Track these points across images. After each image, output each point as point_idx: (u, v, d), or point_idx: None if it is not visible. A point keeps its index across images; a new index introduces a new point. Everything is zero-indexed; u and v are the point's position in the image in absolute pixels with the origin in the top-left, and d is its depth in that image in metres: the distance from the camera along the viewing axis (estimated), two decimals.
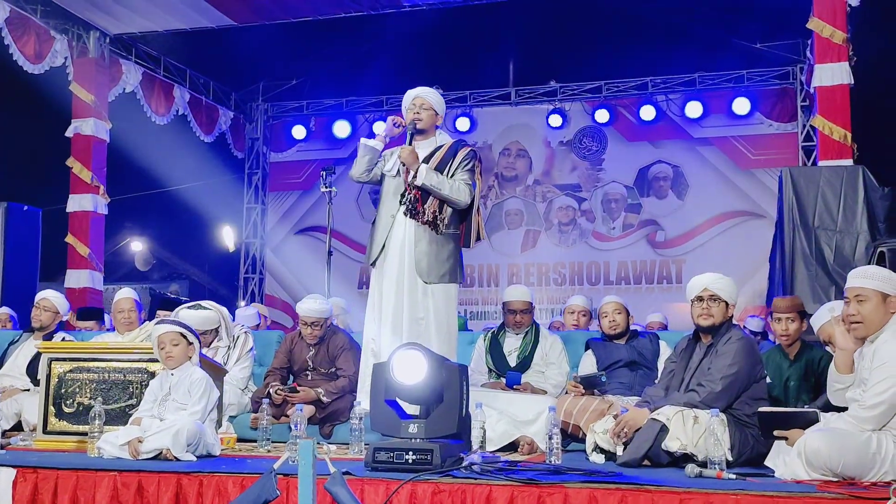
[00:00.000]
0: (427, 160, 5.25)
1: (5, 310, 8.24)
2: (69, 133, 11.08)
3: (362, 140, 5.45)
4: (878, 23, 9.75)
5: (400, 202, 5.25)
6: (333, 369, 5.90)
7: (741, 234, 12.37)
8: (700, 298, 4.70)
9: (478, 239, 5.42)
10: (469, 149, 5.38)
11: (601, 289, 12.64)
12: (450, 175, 5.24)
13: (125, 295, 6.63)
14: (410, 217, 5.21)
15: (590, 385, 5.31)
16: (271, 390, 5.71)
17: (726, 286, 4.71)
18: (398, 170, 5.31)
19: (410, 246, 5.22)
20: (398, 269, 5.23)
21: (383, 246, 5.30)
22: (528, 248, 13.31)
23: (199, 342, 5.00)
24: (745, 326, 8.35)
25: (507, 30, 13.29)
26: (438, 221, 5.20)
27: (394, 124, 5.35)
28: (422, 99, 5.37)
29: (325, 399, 5.68)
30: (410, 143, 5.26)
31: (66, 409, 5.19)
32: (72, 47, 10.92)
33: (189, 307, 6.01)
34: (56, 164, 11.17)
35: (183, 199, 15.45)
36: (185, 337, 4.84)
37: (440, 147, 5.35)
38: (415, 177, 5.17)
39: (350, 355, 5.87)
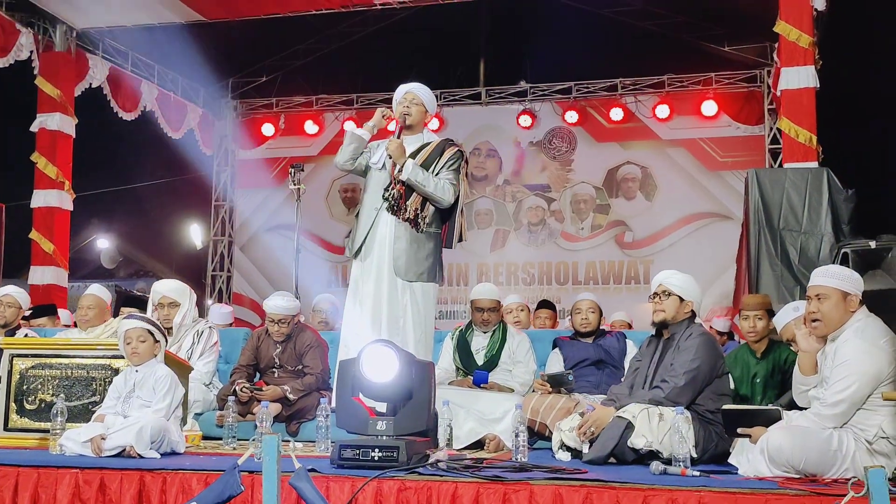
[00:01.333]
0: (413, 156, 5.21)
1: None
2: (34, 128, 10.92)
3: (349, 128, 5.41)
4: (844, 26, 9.86)
5: (383, 197, 5.21)
6: (300, 367, 5.87)
7: (709, 236, 12.47)
8: (655, 294, 4.76)
9: (460, 240, 5.37)
10: (456, 148, 5.34)
11: (570, 288, 12.71)
12: (435, 173, 5.21)
13: (88, 292, 6.62)
14: (392, 213, 5.18)
15: (557, 383, 5.34)
16: (237, 388, 5.67)
17: (679, 281, 4.76)
18: (384, 163, 5.28)
19: (390, 242, 5.18)
20: (378, 265, 5.20)
21: (365, 239, 5.26)
22: (497, 248, 13.33)
23: (166, 340, 4.96)
24: (711, 327, 8.43)
25: (478, 30, 13.33)
26: (419, 219, 5.16)
27: (382, 116, 5.32)
28: (413, 94, 5.34)
29: (291, 396, 5.66)
30: (398, 137, 5.22)
31: (28, 406, 5.13)
32: (37, 41, 10.77)
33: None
34: (20, 158, 11.03)
35: (150, 195, 15.35)
36: (151, 334, 4.80)
37: (427, 144, 5.32)
38: (400, 171, 5.13)
39: (317, 353, 5.85)
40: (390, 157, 5.20)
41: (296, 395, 5.67)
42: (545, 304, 8.43)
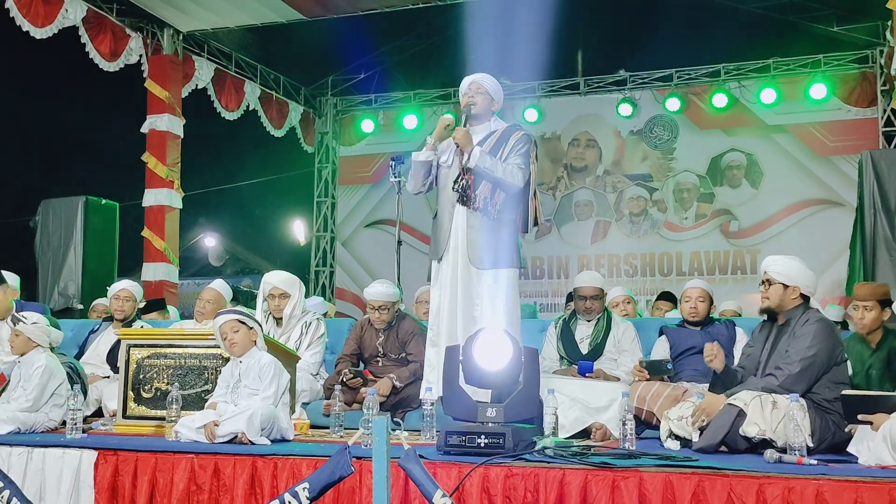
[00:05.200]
0: (480, 145, 5.17)
1: (103, 301, 8.39)
2: (144, 129, 11.29)
3: (413, 154, 5.37)
4: None
5: (452, 189, 5.17)
6: (403, 354, 5.92)
7: (818, 223, 12.08)
8: (763, 281, 4.62)
9: (535, 224, 5.31)
10: (522, 132, 5.28)
11: (674, 280, 12.47)
12: (503, 159, 5.15)
13: (211, 286, 6.80)
14: (461, 203, 5.14)
15: (655, 371, 5.24)
16: (343, 378, 5.75)
17: (781, 267, 4.60)
18: (453, 160, 5.23)
19: (464, 232, 5.15)
20: (453, 256, 5.18)
21: (449, 236, 5.22)
22: (598, 240, 13.15)
23: (261, 327, 5.02)
24: None
25: (576, 19, 13.17)
26: (490, 207, 5.12)
27: (445, 127, 5.29)
28: (478, 84, 5.29)
29: (398, 384, 5.70)
30: (465, 125, 5.18)
31: (145, 395, 5.30)
32: (146, 45, 11.12)
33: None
34: (132, 159, 11.41)
35: (254, 193, 15.70)
36: (243, 323, 4.88)
37: (493, 132, 5.28)
38: (468, 158, 5.09)
39: (420, 340, 5.89)
40: (457, 146, 5.16)
41: (402, 383, 5.71)
42: (665, 296, 8.27)
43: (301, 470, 4.06)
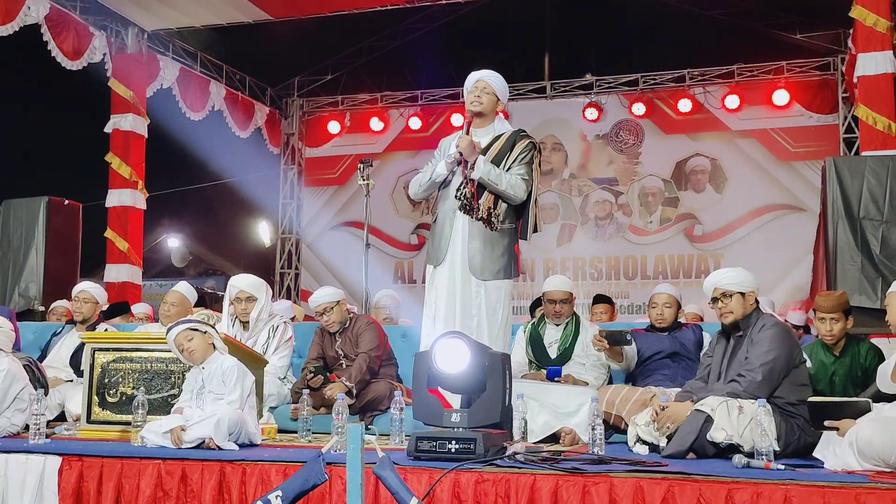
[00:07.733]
0: (485, 151, 5.02)
1: (63, 303, 8.27)
2: (108, 129, 11.16)
3: (437, 171, 5.10)
4: None
5: (455, 196, 5.03)
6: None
7: (781, 228, 12.23)
8: (714, 300, 4.66)
9: (535, 231, 5.22)
10: (528, 140, 5.12)
11: (638, 283, 12.57)
12: (507, 168, 5.02)
13: (175, 289, 6.73)
14: (464, 213, 5.01)
15: (614, 341, 5.33)
16: (308, 381, 5.72)
17: (734, 277, 4.66)
18: (457, 167, 5.04)
19: (464, 241, 5.02)
20: (451, 263, 5.05)
21: (450, 244, 5.08)
22: (563, 243, 13.23)
23: (215, 329, 4.95)
24: (786, 321, 8.24)
25: (543, 23, 13.25)
26: (493, 218, 4.98)
27: (456, 161, 5.04)
28: (484, 82, 5.09)
29: (348, 384, 5.66)
30: (468, 132, 5.01)
31: (110, 399, 5.22)
32: (110, 43, 11.00)
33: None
34: (95, 159, 11.27)
35: (219, 194, 15.57)
36: (196, 330, 4.80)
37: (499, 137, 5.11)
38: (471, 168, 4.93)
39: (368, 334, 5.91)
40: (461, 154, 4.98)
41: (352, 382, 5.67)
42: (602, 299, 8.33)
43: (270, 476, 4.02)
